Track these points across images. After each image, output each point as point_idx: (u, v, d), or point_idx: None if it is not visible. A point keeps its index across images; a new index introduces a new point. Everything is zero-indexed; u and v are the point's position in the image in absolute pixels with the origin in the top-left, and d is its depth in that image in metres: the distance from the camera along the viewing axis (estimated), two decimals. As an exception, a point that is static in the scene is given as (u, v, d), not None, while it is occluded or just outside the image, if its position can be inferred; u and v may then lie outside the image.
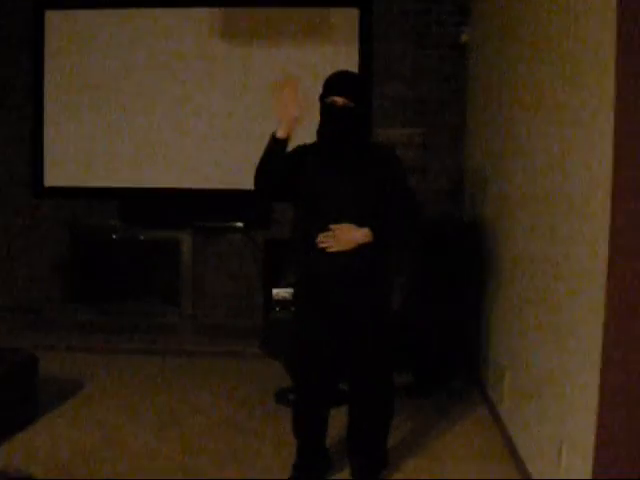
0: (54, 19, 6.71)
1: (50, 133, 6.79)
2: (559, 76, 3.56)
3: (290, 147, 3.80)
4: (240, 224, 6.55)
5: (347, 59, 6.32)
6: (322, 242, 3.72)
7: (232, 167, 6.55)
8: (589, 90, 3.10)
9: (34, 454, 4.30)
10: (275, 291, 5.27)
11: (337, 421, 4.27)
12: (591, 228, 3.02)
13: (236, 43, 6.58)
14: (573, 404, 3.25)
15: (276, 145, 3.74)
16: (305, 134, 3.85)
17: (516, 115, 4.54)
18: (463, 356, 5.94)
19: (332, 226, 3.70)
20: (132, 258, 6.90)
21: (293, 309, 4.19)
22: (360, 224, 3.72)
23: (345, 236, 3.71)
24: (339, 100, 3.71)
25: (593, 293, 2.95)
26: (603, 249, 2.81)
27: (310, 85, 3.91)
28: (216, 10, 6.56)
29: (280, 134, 3.71)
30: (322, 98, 3.79)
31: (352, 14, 6.48)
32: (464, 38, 6.37)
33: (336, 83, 3.78)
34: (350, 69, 3.98)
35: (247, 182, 6.53)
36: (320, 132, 3.83)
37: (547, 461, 3.58)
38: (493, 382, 5.06)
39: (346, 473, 4.07)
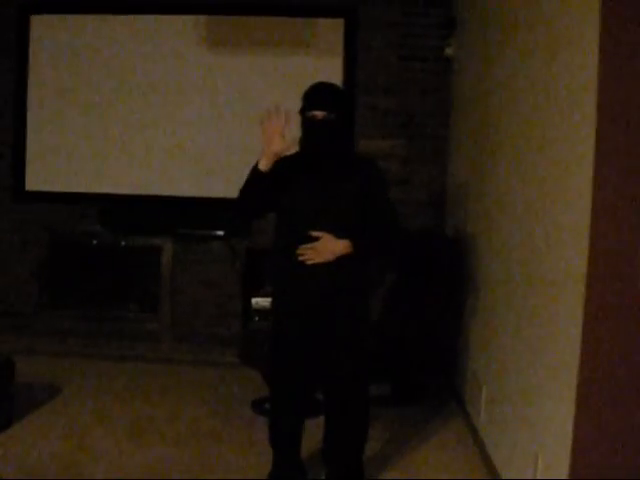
0: (38, 24, 6.68)
1: (32, 137, 6.74)
2: (543, 89, 3.58)
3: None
4: (221, 232, 6.53)
5: (331, 69, 6.33)
6: (302, 254, 3.72)
7: (214, 175, 6.54)
8: (572, 103, 3.12)
9: (9, 459, 4.27)
10: (254, 300, 5.27)
11: (313, 431, 4.25)
12: (571, 244, 3.04)
13: (221, 51, 6.57)
14: (549, 416, 3.26)
15: (258, 177, 3.74)
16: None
17: (500, 128, 4.56)
18: (441, 368, 5.95)
19: (313, 233, 3.70)
20: (112, 264, 6.87)
21: (271, 318, 4.18)
22: (339, 235, 3.72)
23: (326, 248, 3.71)
24: (319, 114, 3.72)
25: (571, 307, 2.96)
26: (582, 264, 2.83)
27: (293, 94, 3.91)
28: (201, 18, 6.55)
29: (262, 167, 3.71)
30: (302, 111, 3.79)
31: (337, 25, 6.48)
32: (449, 51, 6.39)
33: (316, 96, 3.78)
34: (331, 80, 3.97)
35: (229, 191, 6.53)
36: (302, 144, 3.83)
37: (523, 473, 3.59)
38: (470, 394, 5.07)
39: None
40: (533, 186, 3.67)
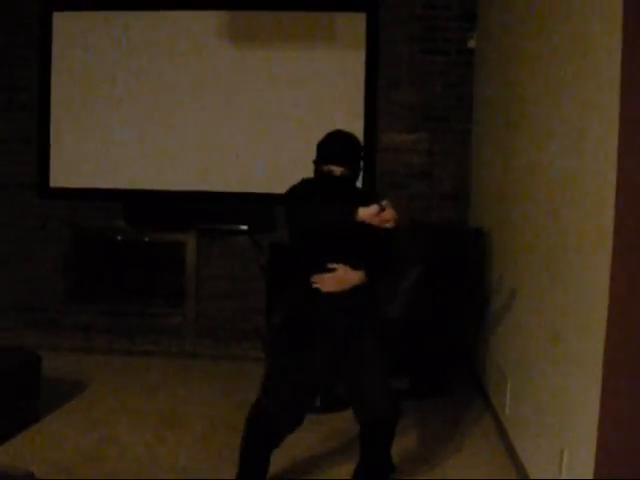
0: (62, 20, 6.72)
1: (56, 134, 6.78)
2: (568, 81, 3.56)
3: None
4: (245, 227, 6.54)
5: (353, 64, 6.32)
6: (317, 282, 3.70)
7: (238, 170, 6.55)
8: (598, 95, 3.10)
9: (36, 454, 4.31)
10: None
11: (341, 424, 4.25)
12: (594, 240, 3.02)
13: (243, 46, 6.57)
14: (574, 411, 3.25)
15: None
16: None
17: (523, 121, 4.54)
18: (466, 362, 5.94)
19: (330, 265, 3.69)
20: (136, 260, 6.90)
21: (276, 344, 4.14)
22: (352, 264, 3.71)
23: (342, 279, 3.70)
24: (337, 170, 3.64)
25: (595, 300, 2.95)
26: (606, 260, 2.81)
27: (316, 89, 3.91)
28: (223, 13, 6.56)
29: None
30: (317, 163, 3.74)
31: (359, 19, 6.46)
32: (471, 44, 6.37)
33: (332, 151, 3.68)
34: (354, 74, 3.92)
35: (252, 185, 6.55)
36: (315, 190, 3.77)
37: (549, 467, 3.58)
38: (495, 388, 5.06)
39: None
40: (558, 180, 3.66)
